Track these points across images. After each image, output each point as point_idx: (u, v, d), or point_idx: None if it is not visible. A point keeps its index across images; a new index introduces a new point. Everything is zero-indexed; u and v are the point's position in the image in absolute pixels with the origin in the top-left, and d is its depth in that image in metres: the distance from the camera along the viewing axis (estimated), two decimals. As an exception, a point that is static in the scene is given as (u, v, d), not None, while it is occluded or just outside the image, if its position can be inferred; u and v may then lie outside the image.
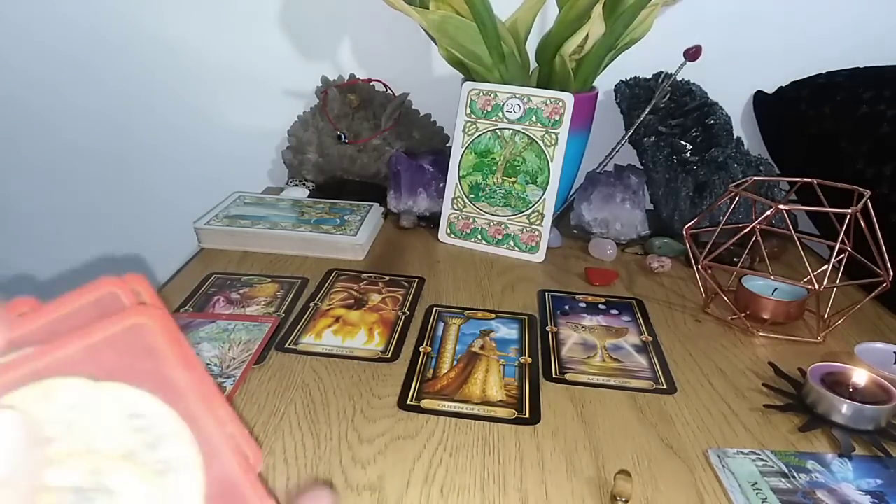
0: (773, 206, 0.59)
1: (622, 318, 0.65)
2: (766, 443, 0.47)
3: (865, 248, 0.61)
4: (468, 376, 0.54)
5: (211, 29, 1.01)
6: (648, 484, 0.43)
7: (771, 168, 0.85)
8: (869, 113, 0.79)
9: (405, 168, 0.86)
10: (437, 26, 0.74)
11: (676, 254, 0.80)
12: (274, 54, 1.02)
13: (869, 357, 0.56)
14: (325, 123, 0.95)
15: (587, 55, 0.78)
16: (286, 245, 0.77)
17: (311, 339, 0.59)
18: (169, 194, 1.12)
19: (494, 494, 0.41)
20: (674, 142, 0.85)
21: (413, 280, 0.72)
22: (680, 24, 0.90)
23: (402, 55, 1.00)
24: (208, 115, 1.07)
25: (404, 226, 0.87)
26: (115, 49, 1.03)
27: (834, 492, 0.42)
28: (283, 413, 0.48)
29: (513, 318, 0.64)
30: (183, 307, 0.64)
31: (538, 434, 0.47)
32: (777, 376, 0.55)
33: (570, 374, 0.55)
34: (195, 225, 0.78)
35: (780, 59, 0.94)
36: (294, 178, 0.98)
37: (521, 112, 0.77)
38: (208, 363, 0.53)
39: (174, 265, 0.75)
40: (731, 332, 0.64)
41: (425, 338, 0.60)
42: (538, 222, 0.78)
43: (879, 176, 0.75)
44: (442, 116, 0.98)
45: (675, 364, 0.57)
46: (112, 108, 1.07)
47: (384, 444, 0.45)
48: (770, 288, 0.65)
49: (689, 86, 0.89)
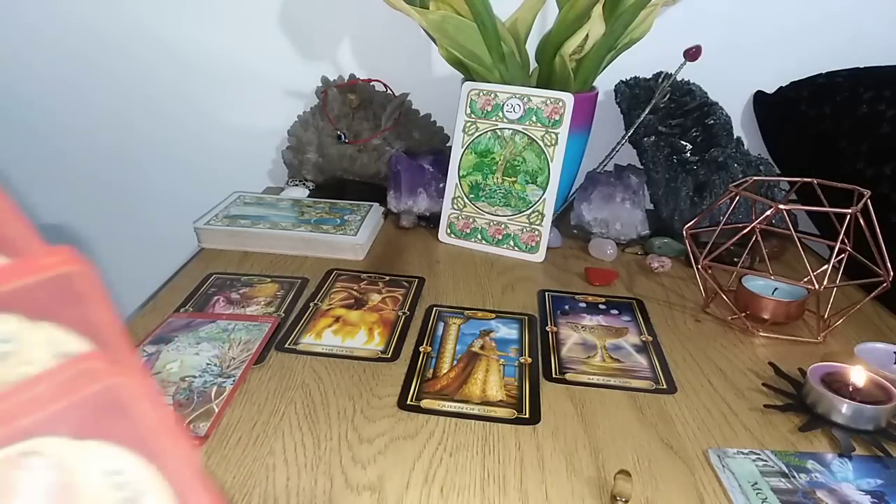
0: (773, 206, 0.59)
1: (622, 318, 0.65)
2: (766, 443, 0.47)
3: (865, 248, 0.61)
4: (468, 376, 0.54)
5: (211, 29, 1.01)
6: (648, 484, 0.43)
7: (771, 168, 0.85)
8: (869, 113, 0.79)
9: (405, 168, 0.86)
10: (437, 26, 0.74)
11: (676, 254, 0.80)
12: (274, 54, 1.02)
13: (869, 357, 0.56)
14: (325, 123, 0.95)
15: (587, 55, 0.78)
16: (286, 245, 0.77)
17: (311, 338, 0.59)
18: (169, 194, 1.12)
19: (494, 494, 0.41)
20: (674, 142, 0.85)
21: (413, 280, 0.72)
22: (680, 24, 0.90)
23: (402, 55, 1.00)
24: (208, 114, 1.07)
25: (404, 226, 0.87)
26: (115, 49, 1.03)
27: (834, 492, 0.42)
28: (283, 413, 0.48)
29: (513, 318, 0.64)
30: (183, 307, 0.64)
31: (538, 434, 0.47)
32: (777, 376, 0.55)
33: (570, 374, 0.55)
34: (195, 225, 0.78)
35: (780, 59, 0.94)
36: (294, 178, 0.98)
37: (521, 112, 0.77)
38: (208, 363, 0.53)
39: (174, 265, 0.75)
40: (731, 332, 0.64)
41: (425, 338, 0.60)
42: (538, 222, 0.78)
43: (879, 176, 0.74)
44: (442, 116, 0.98)
45: (675, 364, 0.57)
46: (112, 108, 1.07)
47: (384, 444, 0.45)
48: (770, 288, 0.65)
49: (689, 86, 0.89)
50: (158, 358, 0.54)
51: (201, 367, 0.53)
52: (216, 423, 0.47)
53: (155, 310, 0.63)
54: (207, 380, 0.51)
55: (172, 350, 0.55)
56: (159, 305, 0.64)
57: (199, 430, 0.45)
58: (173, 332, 0.58)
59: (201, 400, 0.49)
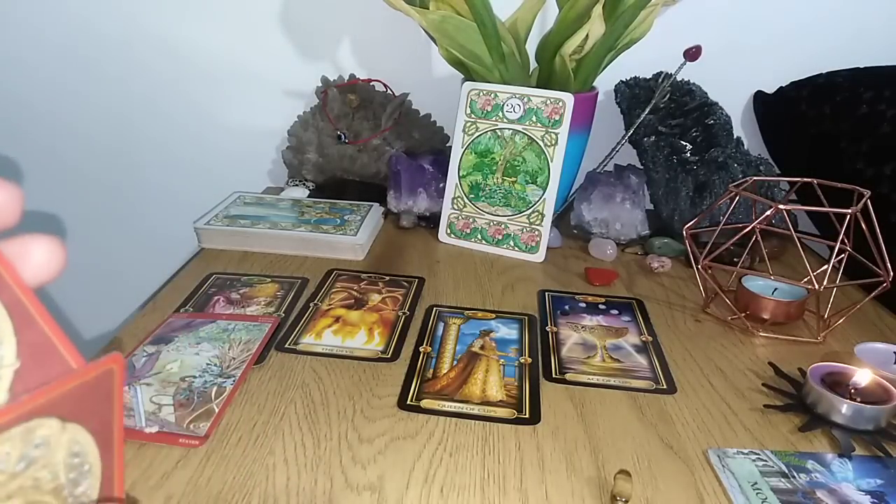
0: (773, 206, 0.59)
1: (622, 318, 0.65)
2: (766, 443, 0.47)
3: (865, 248, 0.61)
4: (468, 376, 0.54)
5: (211, 29, 1.01)
6: (648, 484, 0.43)
7: (771, 168, 0.85)
8: (869, 113, 0.79)
9: (405, 168, 0.86)
10: (437, 26, 0.74)
11: (676, 254, 0.80)
12: (274, 54, 1.02)
13: (869, 357, 0.56)
14: (325, 123, 0.95)
15: (587, 55, 0.78)
16: (286, 245, 0.77)
17: (311, 339, 0.59)
18: (169, 194, 1.12)
19: (494, 494, 0.41)
20: (674, 142, 0.85)
21: (413, 280, 0.72)
22: (680, 24, 0.90)
23: (402, 55, 1.00)
24: (208, 114, 1.07)
25: (404, 226, 0.87)
26: (115, 49, 1.03)
27: (834, 492, 0.42)
28: (283, 413, 0.48)
29: (513, 318, 0.64)
30: (183, 307, 0.64)
31: (538, 434, 0.47)
32: (777, 376, 0.55)
33: (570, 374, 0.55)
34: (195, 225, 0.78)
35: (780, 59, 0.94)
36: (294, 178, 0.98)
37: (521, 112, 0.77)
38: (208, 363, 0.53)
39: (174, 265, 0.75)
40: (731, 332, 0.64)
41: (425, 338, 0.60)
42: (538, 222, 0.78)
43: (879, 176, 0.74)
44: (442, 116, 0.98)
45: (674, 364, 0.57)
46: (112, 108, 1.07)
47: (384, 444, 0.45)
48: (770, 288, 0.65)
49: (689, 86, 0.89)
50: (158, 358, 0.54)
51: (201, 367, 0.53)
52: (216, 423, 0.47)
53: (155, 310, 0.63)
54: (207, 380, 0.51)
55: (172, 350, 0.55)
56: (159, 305, 0.64)
57: (199, 430, 0.45)
58: (173, 332, 0.58)
59: (201, 400, 0.49)
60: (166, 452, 0.44)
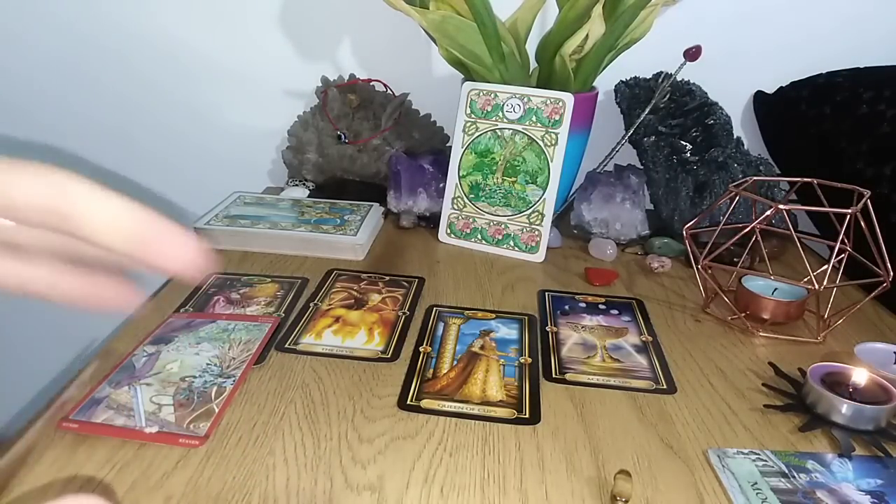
0: (773, 206, 0.59)
1: (622, 318, 0.65)
2: (766, 443, 0.47)
3: (865, 248, 0.61)
4: (468, 376, 0.54)
5: (211, 29, 1.01)
6: (648, 484, 0.43)
7: (771, 168, 0.85)
8: (869, 113, 0.79)
9: (405, 168, 0.86)
10: (437, 26, 0.74)
11: (676, 254, 0.80)
12: (274, 54, 1.02)
13: (869, 357, 0.56)
14: (325, 123, 0.95)
15: (587, 55, 0.78)
16: (286, 245, 0.77)
17: (311, 339, 0.59)
18: (169, 194, 1.12)
19: (494, 494, 0.41)
20: (674, 142, 0.85)
21: (413, 280, 0.72)
22: (680, 24, 0.90)
23: (402, 55, 1.00)
24: (208, 115, 1.07)
25: (404, 226, 0.87)
26: (115, 49, 1.03)
27: (834, 492, 0.42)
28: (283, 413, 0.48)
29: (513, 318, 0.64)
30: (183, 307, 0.64)
31: (538, 434, 0.47)
32: (777, 376, 0.55)
33: (570, 374, 0.55)
34: (195, 225, 0.78)
35: (780, 59, 0.94)
36: (294, 178, 0.98)
37: (521, 112, 0.77)
38: (208, 363, 0.53)
39: (174, 265, 0.75)
40: (731, 332, 0.64)
41: (425, 338, 0.60)
42: (538, 222, 0.78)
43: (879, 176, 0.74)
44: (442, 116, 0.98)
45: (674, 364, 0.57)
46: (112, 108, 1.07)
47: (384, 444, 0.45)
48: (770, 288, 0.65)
49: (689, 86, 0.89)
50: (158, 358, 0.54)
51: (201, 367, 0.53)
52: (216, 423, 0.47)
53: (155, 310, 0.63)
54: (207, 380, 0.51)
55: (172, 350, 0.55)
56: (159, 305, 0.64)
57: (199, 430, 0.45)
58: (173, 332, 0.58)
59: (201, 400, 0.49)
60: (166, 452, 0.44)
